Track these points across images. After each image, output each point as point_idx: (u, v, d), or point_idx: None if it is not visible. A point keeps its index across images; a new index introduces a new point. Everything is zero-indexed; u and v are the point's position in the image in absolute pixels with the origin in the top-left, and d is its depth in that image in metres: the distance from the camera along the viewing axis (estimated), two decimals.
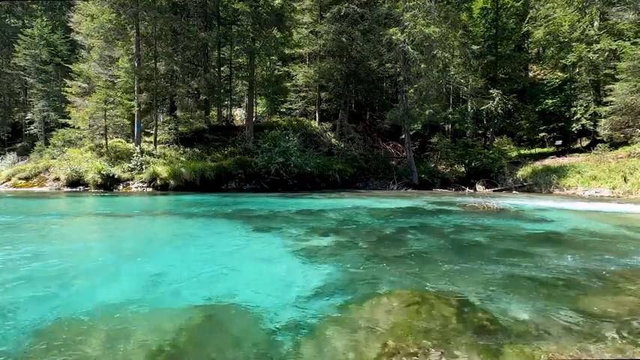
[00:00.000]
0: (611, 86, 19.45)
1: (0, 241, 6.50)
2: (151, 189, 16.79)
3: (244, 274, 4.98)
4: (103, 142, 19.24)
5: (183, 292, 4.08)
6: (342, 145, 24.28)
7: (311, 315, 3.44)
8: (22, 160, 23.00)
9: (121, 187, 16.96)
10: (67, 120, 21.09)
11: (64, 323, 3.26)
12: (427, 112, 20.14)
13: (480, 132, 26.09)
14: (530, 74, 30.16)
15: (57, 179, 17.65)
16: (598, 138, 21.74)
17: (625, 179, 16.05)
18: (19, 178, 18.50)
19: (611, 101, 18.98)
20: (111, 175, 16.82)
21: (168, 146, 20.27)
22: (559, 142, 23.73)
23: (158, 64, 19.94)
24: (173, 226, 8.77)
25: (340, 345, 2.91)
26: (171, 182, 16.81)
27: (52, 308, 3.62)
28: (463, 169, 22.36)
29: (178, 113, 23.14)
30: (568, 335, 3.03)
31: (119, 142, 20.22)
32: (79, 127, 20.37)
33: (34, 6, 33.35)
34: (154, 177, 16.93)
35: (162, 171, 16.96)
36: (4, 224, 8.01)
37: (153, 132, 19.90)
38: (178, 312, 3.51)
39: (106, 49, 20.07)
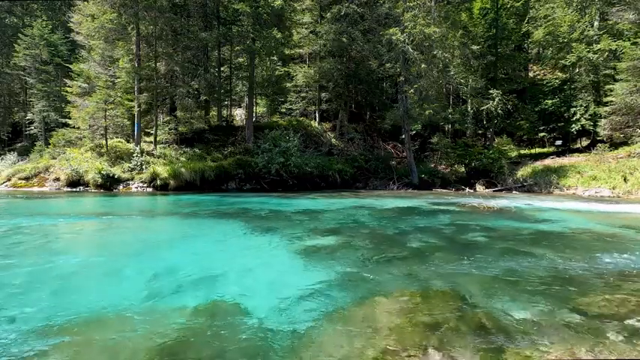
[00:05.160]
0: (611, 86, 19.43)
1: (2, 242, 6.51)
2: (151, 189, 16.79)
3: (244, 274, 4.98)
4: (103, 142, 19.23)
5: (184, 292, 4.09)
6: (342, 145, 24.27)
7: (311, 315, 3.45)
8: (22, 160, 22.96)
9: (121, 187, 16.95)
10: (67, 120, 21.07)
11: (64, 323, 3.26)
12: (427, 112, 20.09)
13: (480, 132, 26.05)
14: (530, 74, 30.12)
15: (57, 179, 17.65)
16: (598, 138, 21.73)
17: (625, 179, 16.04)
18: (19, 178, 18.48)
19: (611, 101, 18.96)
20: (111, 175, 16.81)
21: (168, 146, 20.27)
22: (559, 142, 23.70)
23: (158, 64, 19.93)
24: (173, 227, 8.77)
25: (340, 345, 2.91)
26: (171, 182, 16.81)
27: (53, 308, 3.63)
28: (463, 169, 22.35)
29: (178, 113, 23.14)
30: (568, 335, 3.04)
31: (119, 142, 20.20)
32: (79, 127, 20.35)
33: (34, 6, 33.32)
34: (154, 177, 16.93)
35: (163, 171, 16.96)
36: (6, 226, 8.01)
37: (153, 132, 19.89)
38: (178, 311, 3.51)
39: (107, 50, 20.05)
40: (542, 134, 24.86)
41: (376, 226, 8.69)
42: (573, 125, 22.26)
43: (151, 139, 19.91)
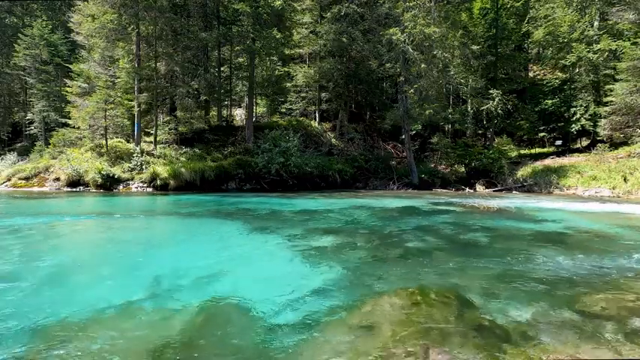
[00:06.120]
0: (611, 86, 19.43)
1: (5, 242, 6.51)
2: (151, 189, 16.79)
3: (244, 274, 4.99)
4: (103, 142, 19.23)
5: (184, 292, 4.09)
6: (342, 145, 24.27)
7: (311, 315, 3.45)
8: (22, 160, 22.96)
9: (121, 187, 16.95)
10: (67, 120, 21.08)
11: (65, 323, 3.26)
12: (427, 112, 20.09)
13: (480, 132, 26.05)
14: (530, 74, 30.12)
15: (57, 179, 17.64)
16: (598, 138, 21.73)
17: (625, 179, 16.04)
18: (19, 178, 18.48)
19: (611, 101, 18.96)
20: (111, 175, 16.81)
21: (168, 146, 20.26)
22: (559, 142, 23.71)
23: (158, 64, 19.92)
24: (173, 227, 8.77)
25: (340, 345, 2.91)
26: (171, 182, 16.80)
27: (54, 308, 3.63)
28: (463, 169, 22.35)
29: (178, 113, 23.13)
30: (568, 335, 3.04)
31: (119, 142, 20.20)
32: (79, 127, 20.35)
33: (34, 6, 33.32)
34: (154, 177, 16.92)
35: (163, 171, 16.95)
36: (8, 226, 8.01)
37: (153, 132, 19.90)
38: (178, 312, 3.51)
39: (107, 50, 20.05)
40: (542, 134, 24.87)
41: (376, 226, 8.69)
42: (573, 125, 22.26)
43: (151, 139, 19.91)
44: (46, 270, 4.84)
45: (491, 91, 22.42)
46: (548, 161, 21.33)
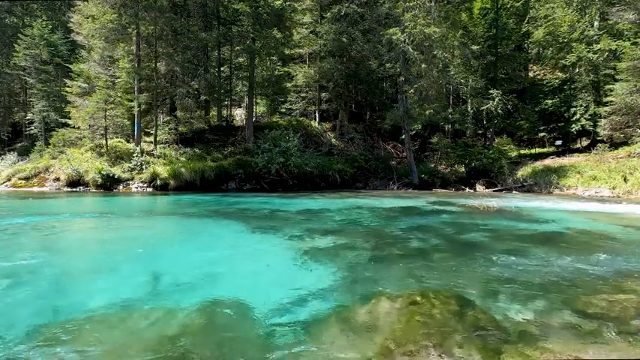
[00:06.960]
0: (611, 86, 19.43)
1: (5, 241, 6.51)
2: (151, 189, 16.79)
3: (244, 274, 4.98)
4: (103, 142, 19.23)
5: (184, 292, 4.09)
6: (342, 145, 24.27)
7: (311, 315, 3.45)
8: (22, 160, 22.96)
9: (121, 187, 16.95)
10: (67, 120, 21.08)
11: (65, 323, 3.26)
12: (427, 112, 20.09)
13: (480, 132, 26.05)
14: (530, 74, 30.12)
15: (57, 179, 17.64)
16: (598, 138, 21.73)
17: (625, 179, 16.04)
18: (19, 178, 18.48)
19: (611, 101, 18.96)
20: (111, 175, 16.81)
21: (168, 146, 20.26)
22: (559, 142, 23.71)
23: (158, 64, 19.92)
24: (173, 227, 8.77)
25: (340, 345, 2.91)
26: (171, 182, 16.80)
27: (52, 307, 3.63)
28: (463, 169, 22.35)
29: (178, 113, 23.14)
30: (568, 335, 3.04)
31: (119, 142, 20.20)
32: (79, 127, 20.35)
33: (34, 6, 33.31)
34: (154, 177, 16.93)
35: (163, 171, 16.96)
36: (8, 225, 8.01)
37: (153, 132, 19.90)
38: (178, 312, 3.51)
39: (107, 50, 20.05)
40: (542, 134, 24.87)
41: (376, 226, 8.69)
42: (573, 125, 22.26)
43: (151, 139, 19.91)
44: (45, 269, 4.84)
45: (491, 91, 22.42)
46: (548, 161, 21.33)
